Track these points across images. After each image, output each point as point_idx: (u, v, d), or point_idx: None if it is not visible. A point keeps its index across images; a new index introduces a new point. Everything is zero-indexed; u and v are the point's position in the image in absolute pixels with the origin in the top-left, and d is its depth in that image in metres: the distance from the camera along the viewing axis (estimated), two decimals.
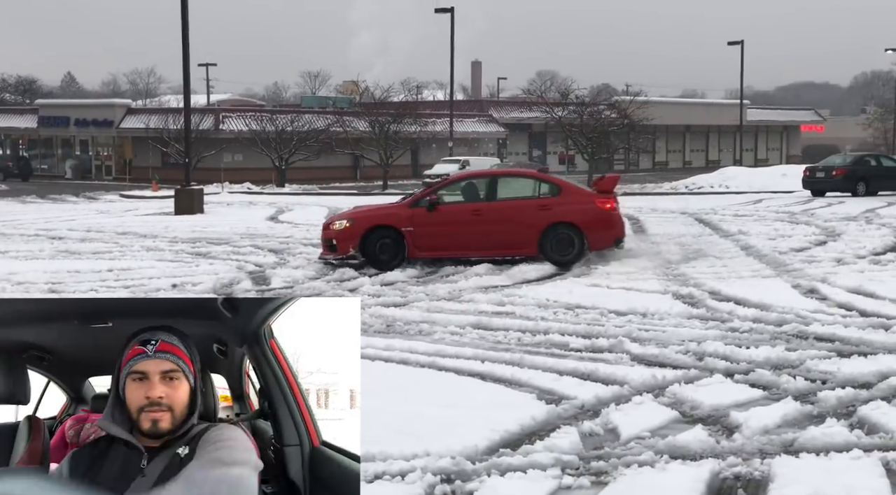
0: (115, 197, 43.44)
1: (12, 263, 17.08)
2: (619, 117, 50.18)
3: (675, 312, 11.57)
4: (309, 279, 14.88)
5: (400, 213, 16.32)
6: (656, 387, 8.10)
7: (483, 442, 6.55)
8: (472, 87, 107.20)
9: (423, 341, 10.12)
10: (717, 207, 30.91)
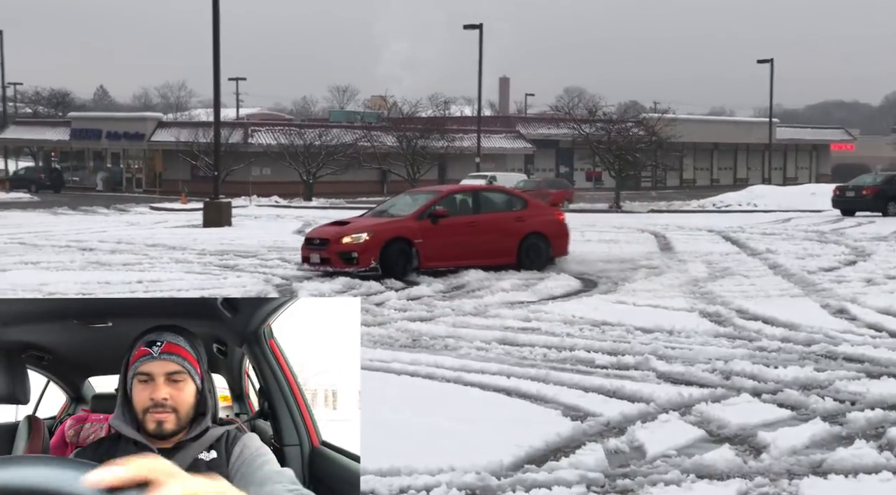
0: (145, 209, 43.83)
1: (44, 274, 17.26)
2: (646, 134, 50.03)
3: (702, 330, 11.50)
4: (336, 293, 14.93)
5: (411, 226, 17.21)
6: (683, 406, 8.05)
7: (508, 458, 6.54)
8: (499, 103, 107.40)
9: (448, 356, 10.12)
10: (744, 225, 30.73)
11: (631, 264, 19.08)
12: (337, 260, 16.84)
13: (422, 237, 17.04)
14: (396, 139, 52.33)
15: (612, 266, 18.77)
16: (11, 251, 21.76)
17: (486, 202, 18.62)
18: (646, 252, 21.91)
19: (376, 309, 13.35)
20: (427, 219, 17.31)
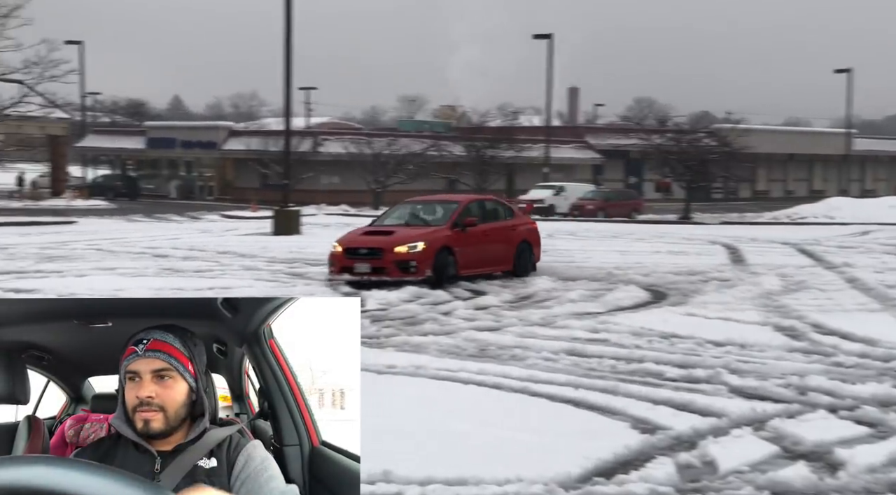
0: (216, 217, 44.56)
1: (119, 280, 17.63)
2: (718, 145, 49.35)
3: (776, 344, 11.27)
4: (403, 302, 14.96)
5: (451, 235, 17.74)
6: (756, 421, 7.88)
7: (576, 470, 6.46)
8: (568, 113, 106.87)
9: (516, 366, 10.06)
10: (820, 238, 30.07)
11: (701, 276, 18.79)
12: (394, 269, 16.86)
13: (458, 245, 17.60)
14: (465, 149, 52.43)
15: (682, 278, 18.52)
16: (89, 257, 22.29)
17: (490, 211, 19.48)
18: (717, 264, 21.56)
19: (444, 318, 13.34)
20: (459, 228, 17.84)
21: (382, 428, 7.47)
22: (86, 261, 21.10)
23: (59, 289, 15.88)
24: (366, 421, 7.68)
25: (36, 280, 17.49)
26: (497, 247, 18.40)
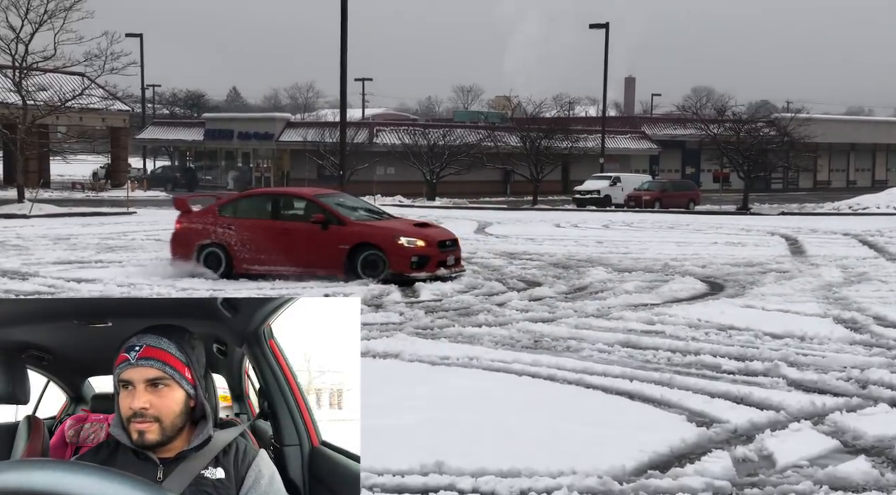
0: None
1: None
2: (778, 135, 48.52)
3: (836, 337, 11.06)
4: (458, 292, 14.96)
5: None
6: (815, 415, 7.75)
7: (631, 463, 6.41)
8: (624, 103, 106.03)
9: (570, 358, 10.01)
10: (883, 229, 29.43)
11: (760, 268, 18.51)
12: (459, 261, 17.17)
13: None
14: (520, 139, 52.21)
15: (740, 269, 18.26)
16: (148, 247, 22.64)
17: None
18: (775, 255, 21.22)
19: (498, 309, 13.31)
20: None
21: (435, 418, 7.48)
22: (145, 252, 21.42)
23: (119, 279, 16.15)
24: (419, 412, 7.71)
25: (97, 270, 17.82)
26: None
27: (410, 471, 6.20)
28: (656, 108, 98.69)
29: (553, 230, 29.70)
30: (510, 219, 35.53)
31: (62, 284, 15.57)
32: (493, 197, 56.58)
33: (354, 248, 16.24)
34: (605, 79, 53.21)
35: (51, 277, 16.42)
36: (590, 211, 43.49)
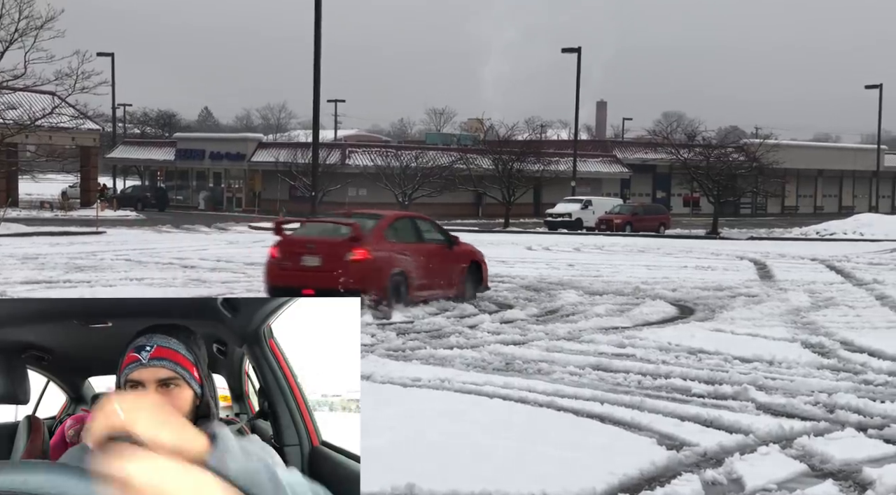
0: (244, 228, 44.79)
1: (147, 290, 17.76)
2: (747, 160, 49.08)
3: (804, 361, 11.17)
4: (429, 314, 14.97)
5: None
6: (783, 438, 7.81)
7: (601, 486, 6.43)
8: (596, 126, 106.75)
9: (541, 380, 10.03)
10: (850, 255, 29.80)
11: (729, 292, 18.68)
12: None
13: None
14: (492, 162, 52.47)
15: (710, 293, 18.41)
16: (118, 267, 22.48)
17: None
18: (745, 279, 21.42)
19: (469, 331, 13.33)
20: None
21: (407, 440, 7.47)
22: (114, 272, 21.27)
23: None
24: (390, 434, 7.68)
25: (65, 289, 17.66)
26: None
27: (382, 494, 6.18)
28: (628, 133, 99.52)
29: (524, 253, 29.80)
30: (482, 242, 35.55)
31: None
32: (464, 219, 56.69)
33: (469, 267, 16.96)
34: (577, 102, 53.64)
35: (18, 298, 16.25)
36: (561, 234, 43.70)
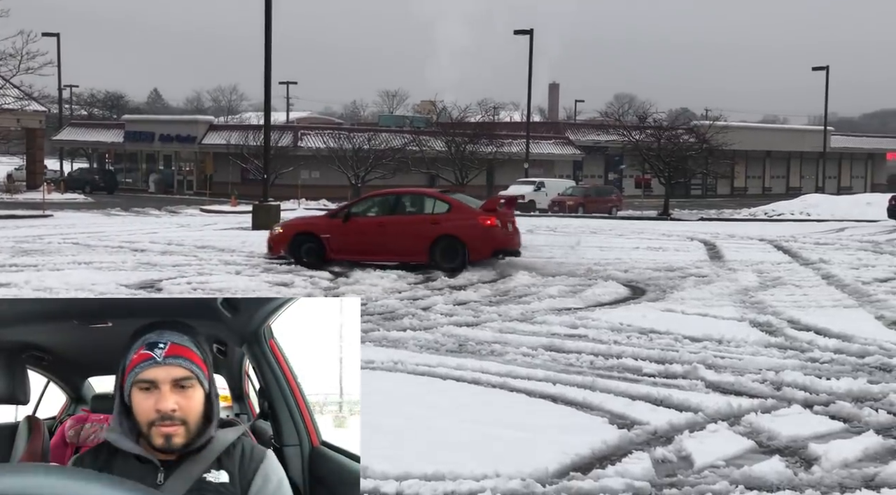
0: (195, 211, 44.33)
1: (95, 274, 17.51)
2: (697, 142, 49.59)
3: (753, 340, 11.34)
4: (383, 296, 14.95)
5: (320, 223, 19.78)
6: (732, 416, 7.94)
7: (553, 465, 6.48)
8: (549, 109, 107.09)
9: (494, 361, 10.08)
10: (797, 235, 30.28)
11: (680, 272, 18.88)
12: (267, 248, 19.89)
13: (329, 233, 19.18)
14: (445, 144, 52.44)
15: (661, 274, 18.60)
16: (65, 251, 22.13)
17: (406, 205, 19.99)
18: (695, 260, 21.67)
19: (423, 313, 13.34)
20: (339, 218, 19.49)
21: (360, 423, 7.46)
22: (62, 255, 20.94)
23: (34, 284, 15.76)
24: None
25: (11, 274, 17.35)
26: (400, 238, 18.86)
27: None
28: (580, 114, 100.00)
29: None
30: None
31: None
32: None
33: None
34: (529, 84, 53.74)
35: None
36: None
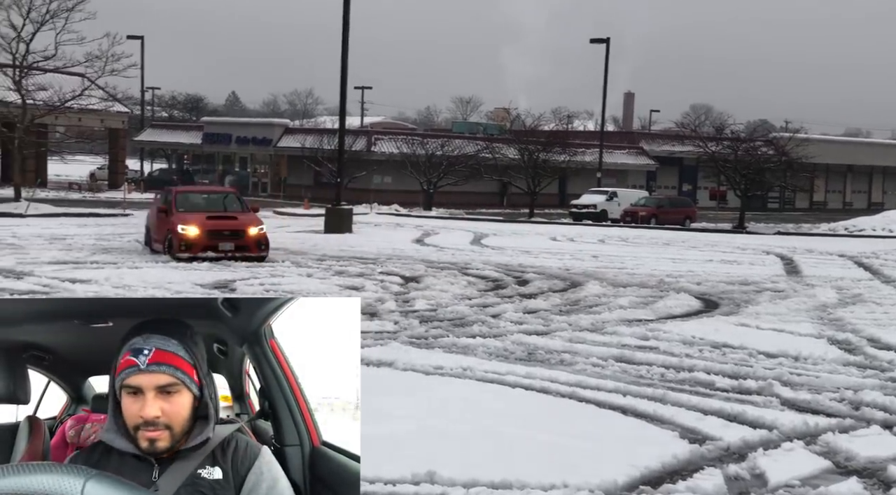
0: (268, 213, 44.85)
1: (171, 273, 17.86)
2: (776, 154, 48.64)
3: (830, 358, 11.07)
4: (453, 303, 14.95)
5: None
6: (808, 435, 7.74)
7: (622, 478, 6.39)
8: (623, 118, 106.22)
9: (564, 371, 10.00)
10: (879, 251, 29.48)
11: (755, 286, 18.53)
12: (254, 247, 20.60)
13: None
14: (518, 152, 52.27)
15: (735, 287, 18.27)
16: (143, 249, 22.60)
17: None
18: (771, 274, 21.25)
19: (493, 320, 13.30)
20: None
21: (428, 428, 7.46)
22: (140, 255, 21.40)
23: (113, 281, 16.12)
24: (412, 421, 7.68)
25: (92, 270, 17.79)
26: None
27: (402, 480, 6.18)
28: (655, 125, 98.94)
29: (549, 243, 29.71)
30: (506, 231, 35.55)
31: (57, 284, 15.54)
32: (489, 208, 56.58)
33: None
34: (604, 93, 53.34)
35: (46, 277, 16.39)
36: (586, 225, 43.54)
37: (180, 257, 19.94)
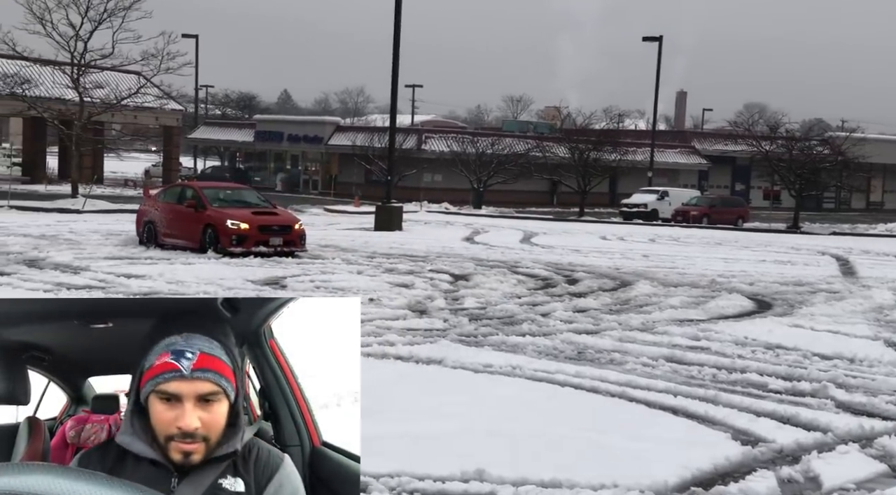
0: (319, 210, 45.23)
1: (224, 269, 18.06)
2: (831, 154, 47.88)
3: (887, 360, 10.87)
4: (502, 301, 14.94)
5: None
6: (863, 438, 7.61)
7: (673, 479, 6.34)
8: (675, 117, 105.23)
9: (614, 370, 9.94)
10: None
11: (809, 287, 18.26)
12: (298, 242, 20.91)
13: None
14: (568, 150, 52.06)
15: (789, 288, 18.02)
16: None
17: None
18: (826, 275, 20.92)
19: (542, 319, 13.27)
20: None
21: (477, 426, 7.47)
22: (194, 252, 21.67)
23: (167, 276, 16.35)
24: (461, 419, 7.68)
25: (146, 266, 18.06)
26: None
27: (451, 478, 6.19)
28: (707, 123, 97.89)
29: (599, 242, 29.56)
30: (556, 230, 35.42)
31: (112, 279, 15.80)
32: (539, 207, 56.43)
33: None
34: (656, 92, 52.91)
35: (102, 272, 16.67)
36: (636, 224, 43.22)
37: (234, 252, 20.06)
